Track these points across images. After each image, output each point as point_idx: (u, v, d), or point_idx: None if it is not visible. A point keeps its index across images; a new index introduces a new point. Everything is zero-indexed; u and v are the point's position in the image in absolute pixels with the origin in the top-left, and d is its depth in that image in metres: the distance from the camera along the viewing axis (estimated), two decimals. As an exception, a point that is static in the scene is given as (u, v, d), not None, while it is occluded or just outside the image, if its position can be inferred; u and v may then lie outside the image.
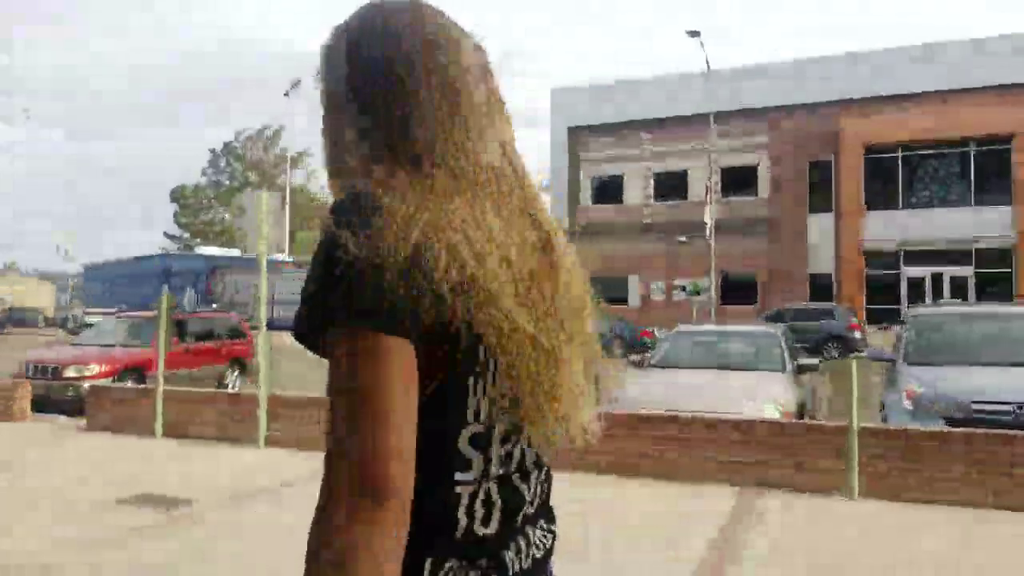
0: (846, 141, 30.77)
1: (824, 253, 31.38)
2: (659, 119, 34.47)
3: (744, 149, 32.96)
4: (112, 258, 40.87)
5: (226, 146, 58.99)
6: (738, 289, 31.86)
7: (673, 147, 34.40)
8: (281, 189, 54.08)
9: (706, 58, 28.59)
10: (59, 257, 50.22)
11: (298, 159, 59.71)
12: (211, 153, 58.93)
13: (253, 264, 31.33)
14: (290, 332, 0.87)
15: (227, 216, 57.43)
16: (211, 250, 39.33)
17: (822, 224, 31.55)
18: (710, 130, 29.77)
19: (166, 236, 59.20)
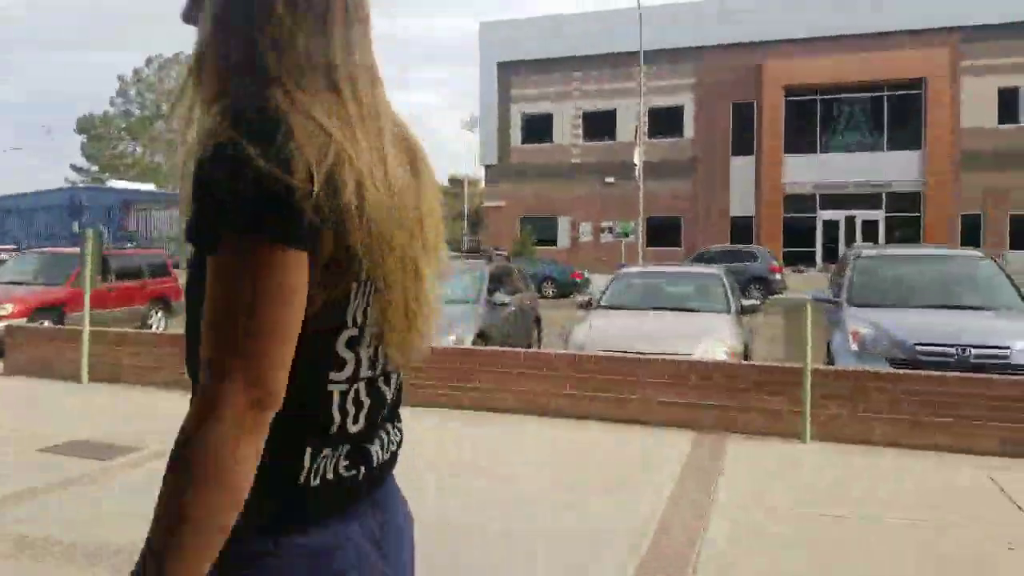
0: (767, 83, 31.39)
1: (745, 196, 32.26)
2: (589, 56, 34.24)
3: (672, 90, 33.21)
4: (13, 192, 38.39)
5: (136, 73, 55.61)
6: (664, 231, 32.55)
7: (602, 86, 34.34)
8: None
9: (637, -5, 28.35)
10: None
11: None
12: (120, 81, 55.50)
13: (170, 199, 29.98)
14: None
15: (139, 148, 54.57)
16: (124, 184, 37.48)
17: (744, 167, 32.35)
18: (638, 69, 29.83)
19: (73, 169, 55.96)
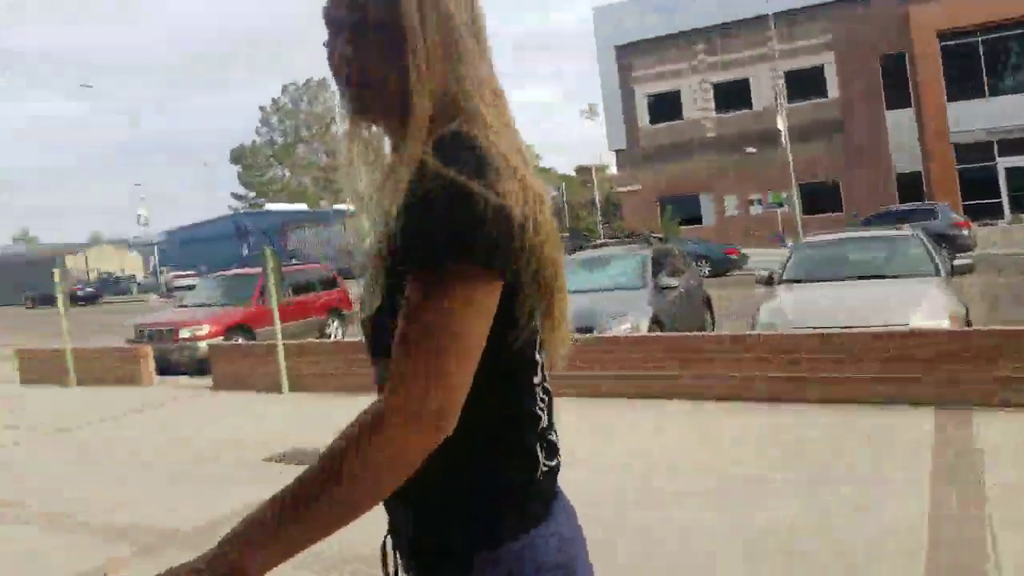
0: (917, 30, 29.04)
1: (908, 151, 30.02)
2: (711, 27, 33.05)
3: (808, 50, 31.44)
4: (188, 222, 42.07)
5: (274, 103, 59.31)
6: (821, 197, 30.82)
7: (730, 56, 33.06)
8: (334, 139, 54.34)
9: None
10: (138, 225, 51.69)
11: (348, 108, 59.64)
12: (261, 111, 59.42)
13: (320, 217, 31.80)
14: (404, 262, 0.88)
15: (286, 172, 58.19)
16: (279, 207, 40.08)
17: (901, 120, 30.11)
18: (769, 34, 28.45)
19: (234, 196, 60.49)
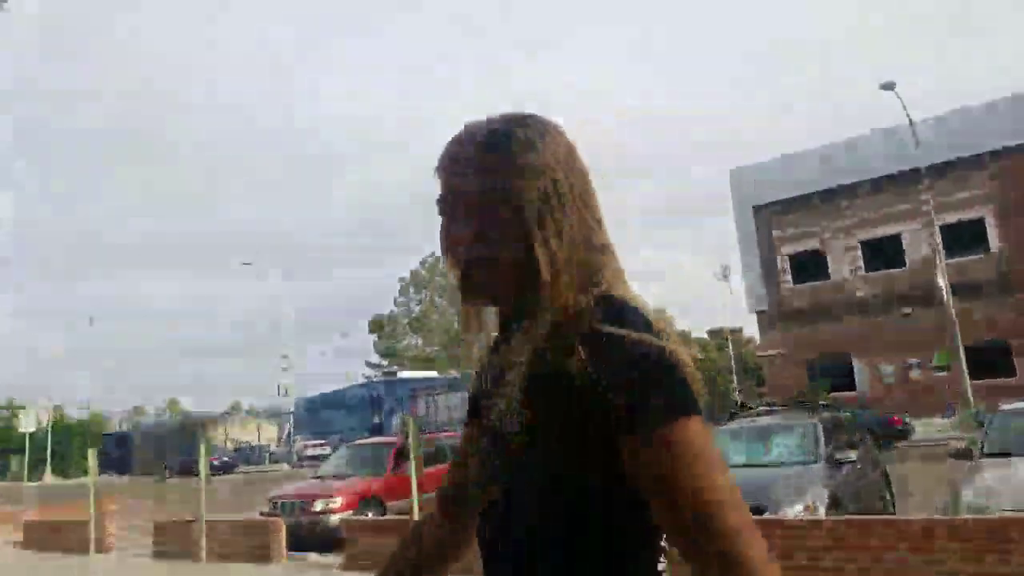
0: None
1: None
2: (857, 183, 31.96)
3: (964, 203, 29.57)
4: (321, 391, 43.34)
5: (413, 274, 62.27)
6: (988, 359, 27.70)
7: (878, 211, 31.59)
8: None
9: (905, 109, 26.31)
10: (278, 396, 54.23)
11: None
12: (400, 282, 62.43)
13: (449, 384, 31.80)
14: (634, 426, 0.91)
15: (419, 341, 59.85)
16: (410, 374, 40.68)
17: (1078, 271, 27.18)
18: (922, 187, 27.04)
19: (368, 365, 62.55)
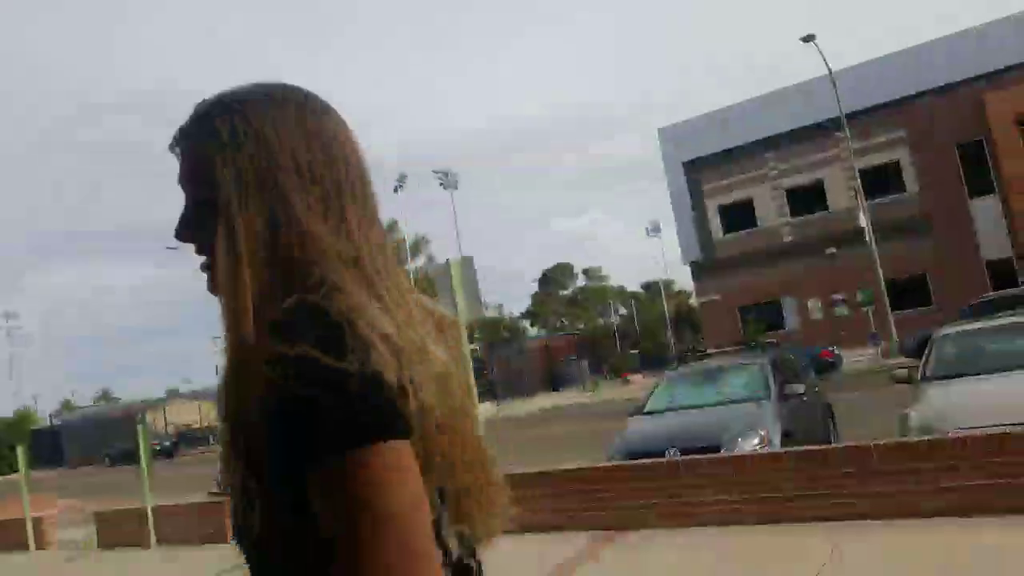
0: (994, 117, 28.30)
1: (996, 238, 28.59)
2: (779, 134, 33.04)
3: (881, 147, 30.91)
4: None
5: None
6: (908, 293, 29.34)
7: (802, 160, 32.77)
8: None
9: (825, 60, 27.22)
10: (216, 375, 52.60)
11: (416, 246, 61.43)
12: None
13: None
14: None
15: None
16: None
17: (988, 207, 28.88)
18: (840, 134, 28.14)
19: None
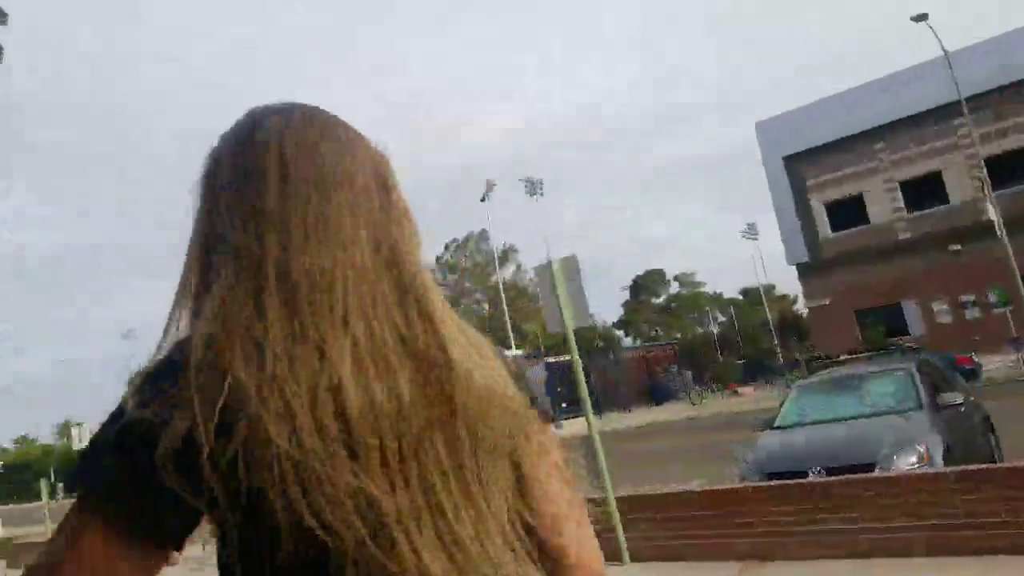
0: None
1: None
2: (890, 123, 30.78)
3: (1010, 131, 28.31)
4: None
5: (437, 260, 61.93)
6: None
7: (916, 149, 30.43)
8: (494, 287, 55.40)
9: (939, 40, 25.11)
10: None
11: (505, 255, 61.16)
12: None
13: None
14: None
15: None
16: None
17: None
18: (960, 120, 25.88)
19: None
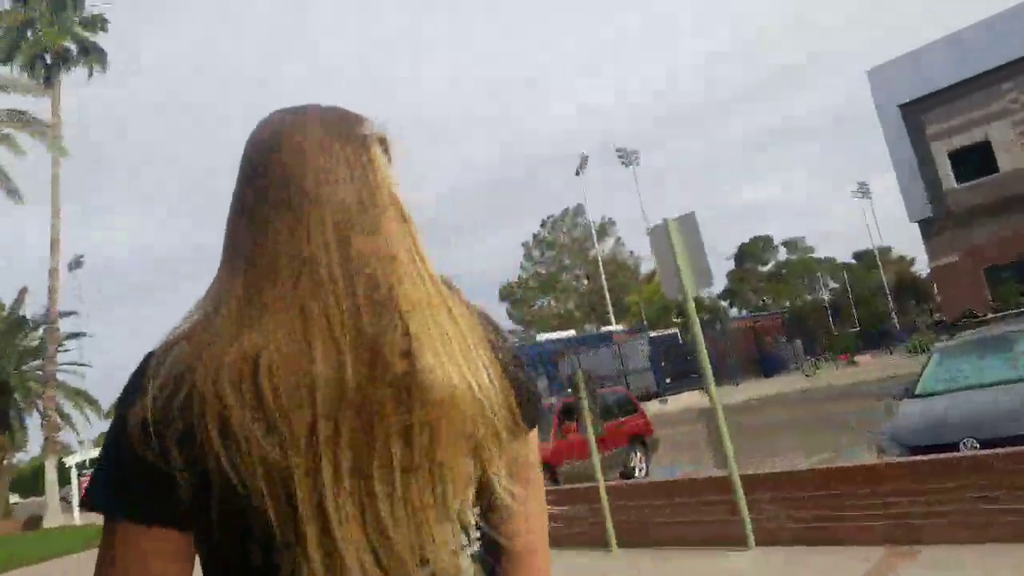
0: None
1: None
2: (1020, 59, 27.99)
3: None
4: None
5: (535, 237, 61.65)
6: None
7: (1052, 86, 27.57)
8: (592, 262, 54.66)
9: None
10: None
11: (603, 229, 60.22)
12: (524, 247, 61.97)
13: (585, 342, 30.94)
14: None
15: (552, 302, 59.42)
16: (548, 335, 40.19)
17: None
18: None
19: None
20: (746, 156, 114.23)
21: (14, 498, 42.54)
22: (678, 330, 41.19)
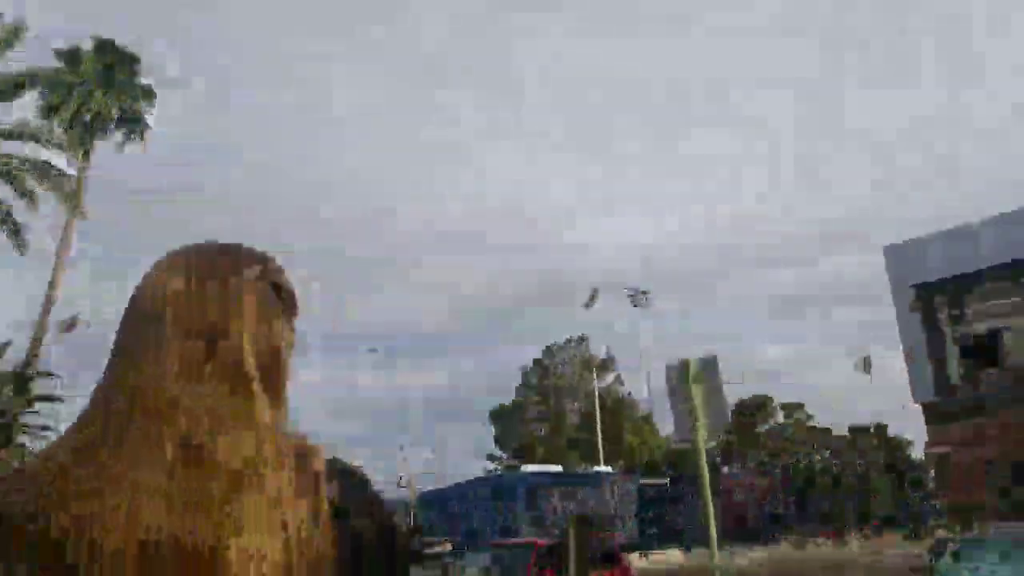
0: None
1: None
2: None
3: None
4: (440, 485, 41.57)
5: (536, 363, 60.94)
6: None
7: (1069, 287, 27.60)
8: (589, 396, 53.71)
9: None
10: (399, 488, 52.95)
11: (604, 365, 59.61)
12: (522, 372, 61.06)
13: (574, 481, 29.41)
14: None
15: (543, 431, 57.96)
16: (533, 468, 38.68)
17: None
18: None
19: (488, 458, 60.72)
20: (754, 312, 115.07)
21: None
22: (667, 480, 39.67)
